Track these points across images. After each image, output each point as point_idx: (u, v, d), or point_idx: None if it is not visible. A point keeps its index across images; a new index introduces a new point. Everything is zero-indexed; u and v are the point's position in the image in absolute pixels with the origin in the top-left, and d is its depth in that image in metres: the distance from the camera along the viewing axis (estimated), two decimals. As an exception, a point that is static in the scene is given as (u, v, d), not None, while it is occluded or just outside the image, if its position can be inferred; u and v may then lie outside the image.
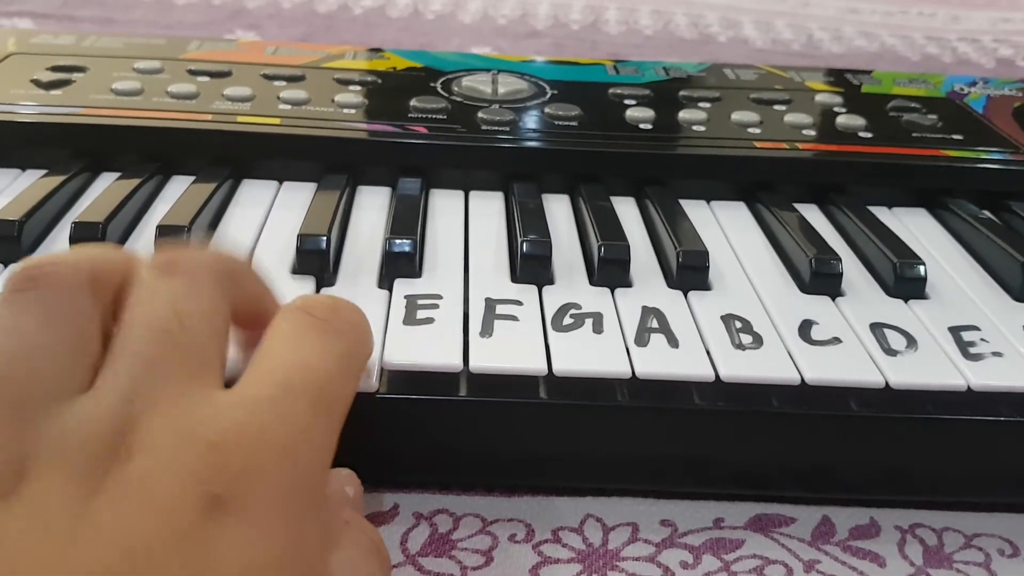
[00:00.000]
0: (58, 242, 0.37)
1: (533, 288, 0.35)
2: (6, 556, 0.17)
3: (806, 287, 0.37)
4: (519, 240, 0.37)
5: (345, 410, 0.23)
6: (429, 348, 0.31)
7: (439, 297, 0.34)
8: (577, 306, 0.34)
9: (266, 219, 0.40)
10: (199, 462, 0.19)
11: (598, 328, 0.33)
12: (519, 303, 0.34)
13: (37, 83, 0.46)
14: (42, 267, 0.22)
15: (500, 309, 0.34)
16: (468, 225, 0.41)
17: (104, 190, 0.40)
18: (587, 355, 0.31)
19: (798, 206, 0.43)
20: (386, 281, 0.36)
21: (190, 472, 0.19)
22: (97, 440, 0.19)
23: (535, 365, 0.31)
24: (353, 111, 0.46)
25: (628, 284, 0.36)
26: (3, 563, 0.17)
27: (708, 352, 0.32)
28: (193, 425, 0.20)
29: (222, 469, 0.19)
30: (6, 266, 0.35)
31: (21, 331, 0.21)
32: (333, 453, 0.22)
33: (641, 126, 0.47)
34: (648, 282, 0.37)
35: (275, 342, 0.23)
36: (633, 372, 0.31)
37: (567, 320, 0.33)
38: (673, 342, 0.32)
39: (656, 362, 0.31)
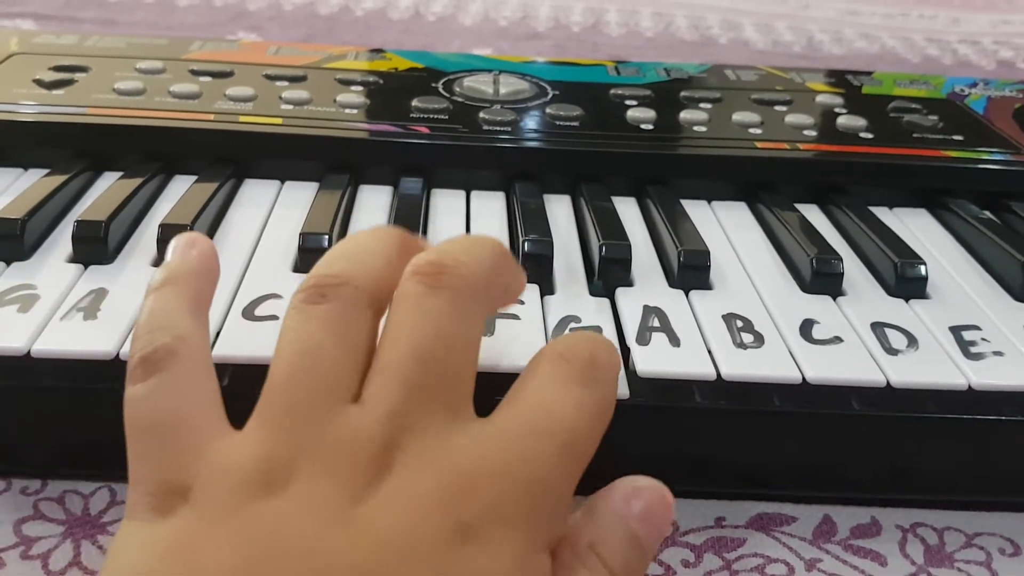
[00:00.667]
0: (60, 241, 0.37)
1: (535, 287, 0.35)
2: (277, 543, 0.19)
3: (807, 286, 0.37)
4: (521, 240, 0.37)
5: (589, 457, 0.23)
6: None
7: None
8: (578, 305, 0.34)
9: (268, 218, 0.40)
10: (453, 489, 0.20)
11: (599, 327, 0.33)
12: (521, 302, 0.34)
13: (40, 83, 0.46)
14: (331, 282, 0.24)
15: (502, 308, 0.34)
16: (469, 225, 0.41)
17: (106, 189, 0.40)
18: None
19: (799, 206, 0.43)
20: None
21: (443, 497, 0.20)
22: (364, 452, 0.21)
23: (537, 364, 0.31)
24: (355, 111, 0.46)
25: (629, 283, 0.36)
26: (274, 550, 0.19)
27: (709, 351, 0.32)
28: (449, 454, 0.21)
29: (471, 499, 0.20)
30: (8, 264, 0.35)
31: (309, 340, 0.23)
32: (572, 498, 0.23)
33: (642, 126, 0.47)
34: (649, 281, 0.37)
35: (534, 385, 0.24)
36: (635, 371, 0.31)
37: (569, 319, 0.33)
38: (675, 341, 0.32)
39: (658, 361, 0.31)
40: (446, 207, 0.42)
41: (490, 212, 0.42)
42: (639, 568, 0.23)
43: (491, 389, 0.30)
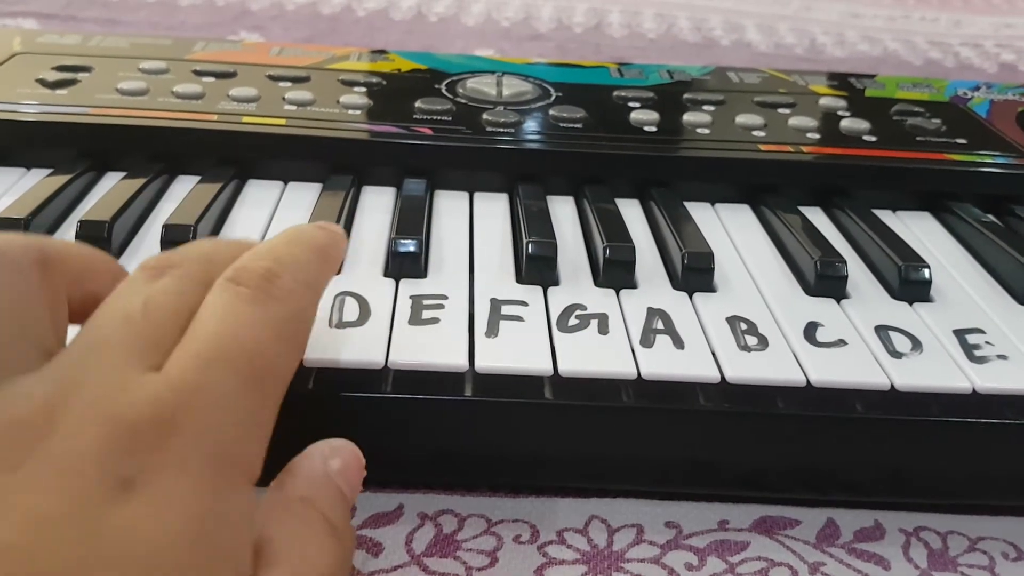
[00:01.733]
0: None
1: (538, 289, 0.35)
2: None
3: (811, 289, 0.37)
4: (524, 241, 0.37)
5: (283, 379, 0.22)
6: (435, 348, 0.31)
7: (444, 297, 0.34)
8: (582, 307, 0.34)
9: (271, 219, 0.40)
10: (113, 443, 0.18)
11: (603, 329, 0.33)
12: (524, 304, 0.34)
13: (43, 83, 0.46)
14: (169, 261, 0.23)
15: (505, 310, 0.34)
16: (473, 226, 0.41)
17: (110, 189, 0.40)
18: (592, 356, 0.32)
19: (803, 209, 0.43)
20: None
21: (102, 452, 0.18)
22: (25, 419, 0.19)
23: (540, 365, 0.31)
24: (358, 112, 0.46)
25: (633, 285, 0.36)
26: None
27: (713, 353, 0.32)
28: (113, 406, 0.19)
29: (133, 450, 0.19)
30: (12, 264, 0.35)
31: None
32: (269, 427, 0.21)
33: (645, 128, 0.47)
34: (653, 283, 0.37)
35: (203, 317, 0.22)
36: (639, 373, 0.31)
37: (572, 321, 0.33)
38: (678, 343, 0.32)
39: (662, 363, 0.31)
40: (449, 208, 0.42)
41: (493, 213, 0.42)
42: (347, 518, 0.23)
43: (497, 390, 0.31)
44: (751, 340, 0.33)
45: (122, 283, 0.23)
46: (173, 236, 0.36)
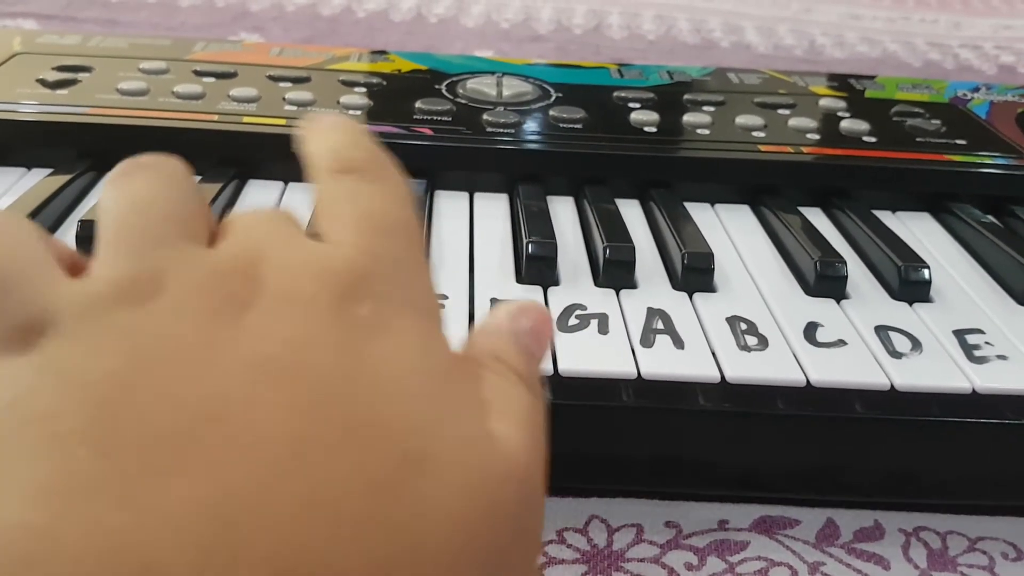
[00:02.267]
0: (64, 241, 0.37)
1: (538, 289, 0.35)
2: (159, 344, 0.17)
3: (811, 290, 0.37)
4: (524, 241, 0.37)
5: (422, 240, 0.24)
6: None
7: (444, 297, 0.34)
8: (582, 307, 0.34)
9: (271, 219, 0.40)
10: (336, 288, 0.19)
11: (603, 329, 0.33)
12: None
13: (43, 83, 0.46)
14: (147, 157, 0.23)
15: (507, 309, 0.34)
16: (473, 226, 0.41)
17: (110, 189, 0.40)
18: (593, 355, 0.32)
19: (803, 210, 0.43)
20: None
21: (330, 294, 0.19)
22: (229, 269, 0.19)
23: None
24: (358, 112, 0.46)
25: (633, 285, 0.36)
26: (158, 349, 0.17)
27: (713, 353, 0.32)
28: (317, 258, 0.20)
29: (358, 292, 0.19)
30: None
31: (142, 185, 0.21)
32: (431, 281, 0.23)
33: (646, 129, 0.47)
34: (653, 284, 0.37)
35: (336, 200, 0.23)
36: (639, 372, 0.31)
37: (572, 321, 0.33)
38: (678, 343, 0.32)
39: (662, 363, 0.31)
40: (449, 209, 0.42)
41: (494, 214, 0.42)
42: (536, 377, 0.23)
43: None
44: (751, 340, 0.33)
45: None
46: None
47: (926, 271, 0.37)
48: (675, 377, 0.31)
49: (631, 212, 0.43)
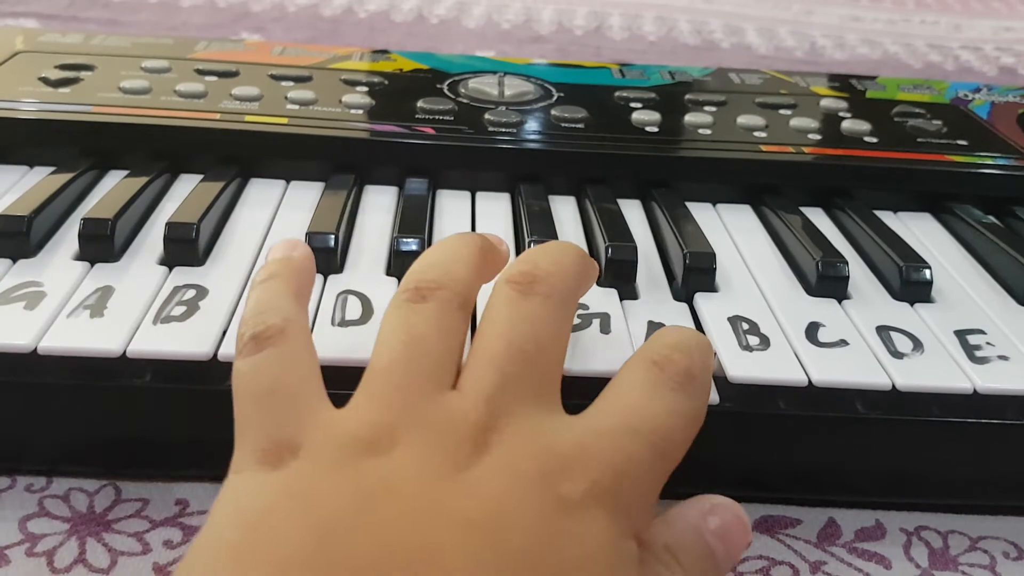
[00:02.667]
0: (67, 239, 0.37)
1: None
2: (390, 492, 0.20)
3: (812, 290, 0.37)
4: (526, 241, 0.37)
5: (678, 462, 0.24)
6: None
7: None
8: (584, 307, 0.34)
9: (274, 218, 0.40)
10: (550, 466, 0.22)
11: (605, 328, 0.33)
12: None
13: (45, 81, 0.46)
14: (429, 286, 0.26)
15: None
16: (475, 226, 0.41)
17: (112, 187, 0.40)
18: (594, 355, 0.32)
19: (804, 210, 0.43)
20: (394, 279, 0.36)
21: (542, 472, 0.21)
22: (463, 429, 0.22)
23: (543, 364, 0.31)
24: (360, 112, 0.46)
25: (634, 284, 0.36)
26: (388, 497, 0.20)
27: (715, 353, 0.32)
28: (544, 436, 0.23)
29: (569, 476, 0.21)
30: (14, 262, 0.35)
31: (413, 331, 0.25)
32: (656, 500, 0.24)
33: (647, 129, 0.47)
34: (655, 284, 0.37)
35: (626, 388, 0.25)
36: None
37: (575, 320, 0.33)
38: (680, 342, 0.32)
39: (664, 362, 0.31)
40: (451, 208, 0.42)
41: (495, 213, 0.42)
42: None
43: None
44: (753, 340, 0.33)
45: (501, 303, 0.26)
46: (176, 234, 0.36)
47: (927, 271, 0.37)
48: (677, 376, 0.31)
49: (632, 212, 0.43)
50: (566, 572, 0.20)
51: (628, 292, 0.36)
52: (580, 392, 0.30)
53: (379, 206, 0.42)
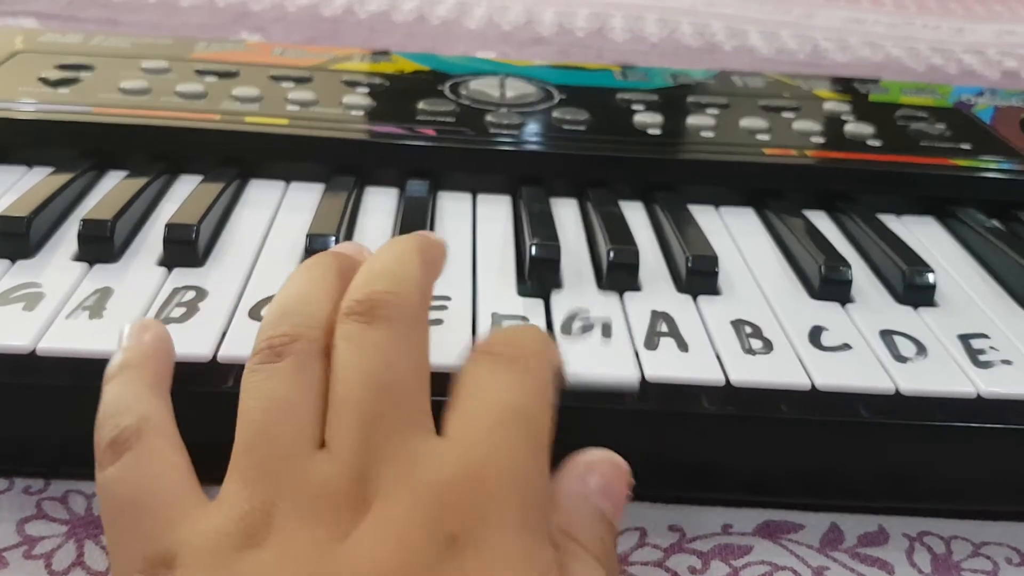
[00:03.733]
0: (66, 240, 0.37)
1: (540, 297, 0.35)
2: None
3: (816, 293, 0.37)
4: (527, 243, 0.37)
5: (549, 436, 0.23)
6: (436, 350, 0.31)
7: (447, 299, 0.34)
8: (586, 310, 0.34)
9: (274, 219, 0.40)
10: (433, 504, 0.20)
11: (607, 332, 0.33)
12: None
13: (45, 81, 0.46)
14: (284, 341, 0.24)
15: (507, 323, 0.33)
16: (476, 228, 0.41)
17: (112, 188, 0.39)
18: (596, 358, 0.31)
19: (807, 213, 0.43)
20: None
21: (424, 514, 0.20)
22: (339, 492, 0.21)
23: (544, 367, 0.30)
24: (361, 113, 0.46)
25: (637, 288, 0.36)
26: None
27: (718, 356, 0.32)
28: (420, 472, 0.21)
29: (454, 508, 0.20)
30: (13, 262, 0.35)
31: (272, 396, 0.23)
32: (548, 480, 0.23)
33: (649, 131, 0.47)
34: (657, 286, 0.37)
35: (471, 387, 0.24)
36: (642, 375, 0.31)
37: (576, 323, 0.33)
38: (683, 346, 0.32)
39: (666, 366, 0.31)
40: (453, 210, 0.42)
41: (496, 215, 0.42)
42: (611, 542, 0.23)
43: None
44: (756, 343, 0.33)
45: (346, 342, 0.24)
46: (176, 235, 0.36)
47: (931, 275, 0.37)
48: (679, 380, 0.31)
49: (635, 214, 0.43)
50: None
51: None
52: (584, 396, 0.30)
53: (380, 208, 0.42)
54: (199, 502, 0.22)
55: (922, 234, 0.43)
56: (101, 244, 0.35)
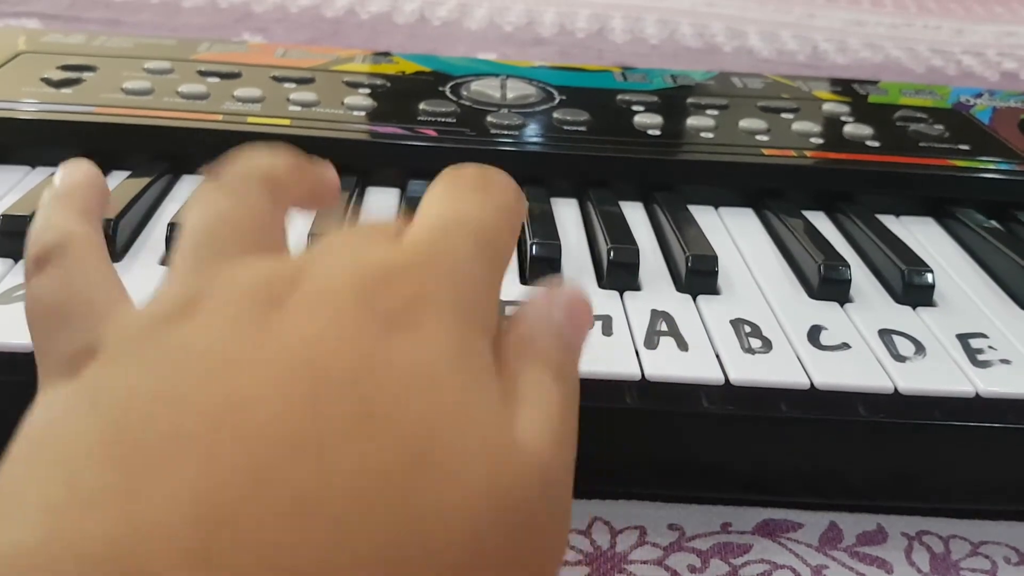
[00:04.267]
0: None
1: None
2: (188, 360, 0.18)
3: (815, 293, 0.37)
4: (528, 243, 0.37)
5: (507, 258, 0.23)
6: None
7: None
8: (586, 309, 0.34)
9: (275, 219, 0.40)
10: (368, 283, 0.19)
11: (607, 331, 0.33)
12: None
13: (48, 81, 0.46)
14: (227, 168, 0.25)
15: (509, 311, 0.34)
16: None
17: (114, 188, 0.40)
18: (596, 357, 0.31)
19: (806, 213, 0.43)
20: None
21: (359, 291, 0.19)
22: (276, 274, 0.20)
23: (545, 366, 0.31)
24: (362, 114, 0.46)
25: (637, 288, 0.36)
26: (187, 365, 0.18)
27: (717, 355, 0.32)
28: (363, 259, 0.20)
29: (391, 289, 0.19)
30: (17, 261, 0.35)
31: (216, 205, 0.23)
32: (499, 292, 0.23)
33: (649, 132, 0.47)
34: (657, 286, 0.37)
35: (429, 200, 0.23)
36: (642, 374, 0.31)
37: (576, 322, 0.33)
38: (682, 345, 0.32)
39: (665, 365, 0.31)
40: (453, 210, 0.42)
41: (497, 215, 0.42)
42: (572, 364, 0.23)
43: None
44: (755, 343, 0.33)
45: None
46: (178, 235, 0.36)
47: (930, 275, 0.37)
48: (679, 379, 0.31)
49: (635, 215, 0.43)
50: (401, 389, 0.18)
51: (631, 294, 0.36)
52: (584, 394, 0.31)
53: (381, 207, 0.42)
54: (130, 304, 0.22)
55: (921, 234, 0.44)
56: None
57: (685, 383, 0.31)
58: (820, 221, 0.43)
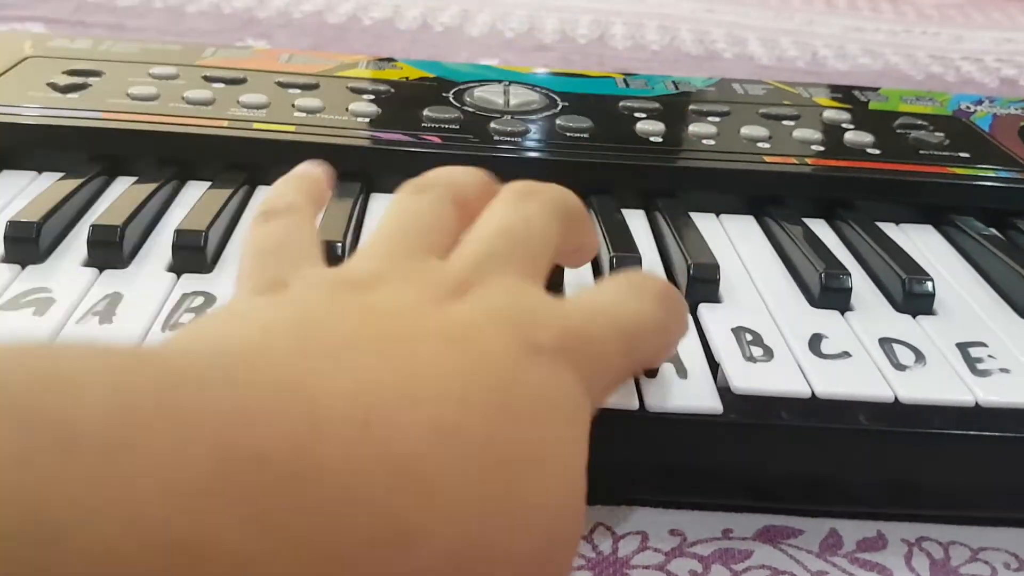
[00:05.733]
0: (75, 245, 0.37)
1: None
2: (376, 315, 0.22)
3: (815, 301, 0.37)
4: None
5: (641, 364, 0.29)
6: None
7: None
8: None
9: (280, 225, 0.40)
10: (523, 317, 0.23)
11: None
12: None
13: (53, 86, 0.47)
14: (429, 182, 0.29)
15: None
16: (480, 234, 0.41)
17: (121, 194, 0.40)
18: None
19: (807, 221, 0.43)
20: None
21: (516, 319, 0.22)
22: (446, 279, 0.24)
23: (548, 373, 0.31)
24: (367, 120, 0.46)
25: (639, 295, 0.37)
26: (374, 317, 0.21)
27: (719, 363, 0.32)
28: (522, 298, 0.24)
29: (541, 328, 0.22)
30: (24, 267, 0.35)
31: (410, 209, 0.28)
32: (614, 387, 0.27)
33: (651, 139, 0.47)
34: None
35: (603, 289, 0.27)
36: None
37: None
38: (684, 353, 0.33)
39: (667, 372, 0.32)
40: (457, 216, 0.42)
41: (500, 222, 0.42)
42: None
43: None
44: (756, 351, 0.33)
45: (496, 204, 0.28)
46: (184, 241, 0.36)
47: (930, 284, 0.38)
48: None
49: (636, 222, 0.43)
50: (530, 407, 0.21)
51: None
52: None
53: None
54: (323, 264, 0.26)
55: (921, 242, 0.44)
56: (110, 249, 0.36)
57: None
58: (821, 229, 0.44)
